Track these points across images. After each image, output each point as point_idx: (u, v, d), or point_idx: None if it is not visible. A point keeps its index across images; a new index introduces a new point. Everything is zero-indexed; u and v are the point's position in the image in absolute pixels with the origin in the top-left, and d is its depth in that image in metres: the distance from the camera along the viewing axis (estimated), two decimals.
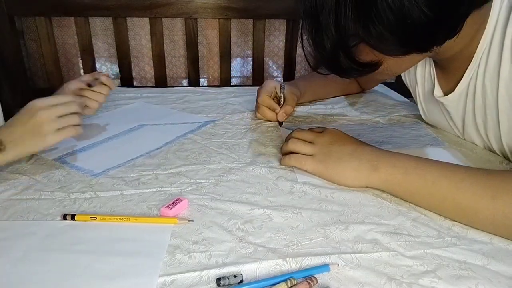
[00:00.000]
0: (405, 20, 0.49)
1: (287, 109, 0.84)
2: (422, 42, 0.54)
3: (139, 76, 1.56)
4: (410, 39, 0.53)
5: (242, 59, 1.60)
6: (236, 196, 0.59)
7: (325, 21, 0.53)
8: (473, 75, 0.64)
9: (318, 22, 0.54)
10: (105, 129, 0.84)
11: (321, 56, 0.59)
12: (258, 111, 0.88)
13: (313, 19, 0.55)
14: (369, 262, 0.45)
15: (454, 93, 0.69)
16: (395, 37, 0.52)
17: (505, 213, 0.47)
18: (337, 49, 0.55)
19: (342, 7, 0.51)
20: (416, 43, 0.54)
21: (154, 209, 0.56)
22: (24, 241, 0.49)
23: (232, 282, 0.42)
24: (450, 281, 0.42)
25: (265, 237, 0.50)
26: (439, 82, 0.74)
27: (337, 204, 0.57)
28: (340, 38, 0.54)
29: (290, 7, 1.43)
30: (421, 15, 0.49)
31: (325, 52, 0.56)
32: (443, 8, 0.50)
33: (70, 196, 0.59)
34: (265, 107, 0.87)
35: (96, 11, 1.39)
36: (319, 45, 0.56)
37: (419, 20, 0.49)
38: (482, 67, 0.62)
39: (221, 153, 0.73)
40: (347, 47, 0.55)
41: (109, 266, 0.45)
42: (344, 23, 0.52)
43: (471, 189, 0.50)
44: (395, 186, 0.56)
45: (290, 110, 0.86)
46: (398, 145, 0.76)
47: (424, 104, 0.83)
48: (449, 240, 0.49)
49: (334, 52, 0.56)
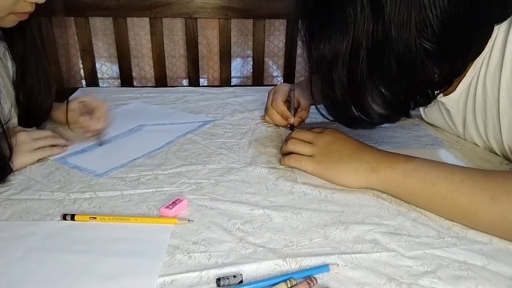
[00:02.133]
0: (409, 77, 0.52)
1: (303, 114, 0.83)
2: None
3: (139, 76, 1.56)
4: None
5: (242, 59, 1.60)
6: (236, 196, 0.59)
7: (338, 75, 0.53)
8: (474, 75, 0.64)
9: (330, 75, 0.54)
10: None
11: (329, 106, 0.59)
12: (268, 115, 0.86)
13: (324, 71, 0.55)
14: (369, 262, 0.45)
15: (455, 93, 0.69)
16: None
17: (504, 215, 0.47)
18: (348, 100, 0.56)
19: (356, 61, 0.51)
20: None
21: (154, 209, 0.56)
22: (24, 241, 0.49)
23: (232, 283, 0.42)
24: (450, 282, 0.42)
25: (265, 238, 0.50)
26: None
27: (337, 205, 0.57)
28: (352, 90, 0.54)
29: (290, 7, 1.43)
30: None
31: (335, 102, 0.57)
32: (451, 63, 0.53)
33: (70, 196, 0.59)
34: (277, 113, 0.84)
35: (96, 11, 1.39)
36: (329, 96, 0.57)
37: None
38: (484, 68, 0.62)
39: (221, 153, 0.73)
40: (359, 98, 0.55)
41: (109, 266, 0.45)
42: (357, 77, 0.52)
43: (470, 191, 0.50)
44: (394, 187, 0.56)
45: (305, 115, 0.84)
46: (398, 145, 0.76)
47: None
48: (449, 240, 0.49)
49: (344, 103, 0.56)
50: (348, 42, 0.51)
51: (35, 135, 0.70)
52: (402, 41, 0.49)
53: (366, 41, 0.50)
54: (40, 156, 0.69)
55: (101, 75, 1.54)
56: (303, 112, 0.83)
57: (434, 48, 0.50)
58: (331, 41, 0.52)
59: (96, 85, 1.50)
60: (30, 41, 0.73)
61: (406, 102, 0.59)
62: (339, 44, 0.52)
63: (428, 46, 0.49)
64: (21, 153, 0.66)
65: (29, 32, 0.72)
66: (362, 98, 0.55)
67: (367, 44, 0.50)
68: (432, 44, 0.49)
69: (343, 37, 0.51)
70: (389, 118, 0.61)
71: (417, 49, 0.50)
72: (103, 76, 1.55)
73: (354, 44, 0.51)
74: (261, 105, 0.99)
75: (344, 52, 0.52)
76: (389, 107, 0.56)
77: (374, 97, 0.54)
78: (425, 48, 0.50)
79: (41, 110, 0.78)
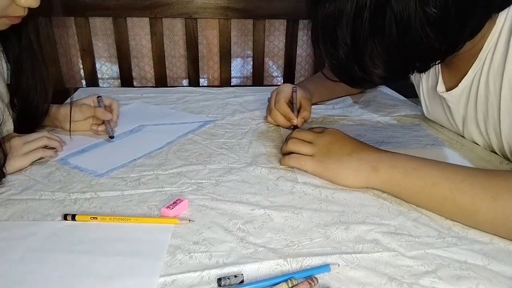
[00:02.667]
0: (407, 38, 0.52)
1: (305, 115, 0.83)
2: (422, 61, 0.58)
3: (139, 76, 1.56)
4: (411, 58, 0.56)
5: (242, 59, 1.60)
6: (237, 197, 0.59)
7: (342, 34, 0.54)
8: (477, 72, 0.64)
9: (334, 34, 0.55)
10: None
11: (333, 66, 0.60)
12: (272, 116, 0.85)
13: (329, 30, 0.56)
14: (370, 262, 0.45)
15: (457, 89, 0.69)
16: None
17: (505, 214, 0.47)
18: (351, 60, 0.56)
19: (359, 21, 0.52)
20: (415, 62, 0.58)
21: (154, 209, 0.56)
22: (25, 241, 0.49)
23: (232, 282, 0.42)
24: (450, 281, 0.42)
25: (266, 237, 0.50)
26: (443, 78, 0.74)
27: (338, 204, 0.57)
28: (355, 50, 0.55)
29: (290, 7, 1.43)
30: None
31: (338, 62, 0.57)
32: (447, 34, 0.53)
33: (71, 196, 0.59)
34: (280, 114, 0.84)
35: (96, 11, 1.38)
36: (333, 55, 0.57)
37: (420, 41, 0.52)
38: (487, 65, 0.62)
39: (221, 153, 0.73)
40: (361, 59, 0.56)
41: (110, 266, 0.45)
42: (360, 36, 0.53)
43: (471, 190, 0.50)
44: (395, 186, 0.56)
45: (308, 116, 0.84)
46: (398, 145, 0.76)
47: (428, 99, 0.83)
48: (449, 240, 0.49)
49: (347, 63, 0.57)
50: (353, 1, 0.52)
51: (27, 139, 0.69)
52: (402, 3, 0.50)
53: (370, 1, 0.51)
54: (32, 159, 0.68)
55: (101, 75, 1.54)
56: (305, 112, 0.83)
57: (433, 13, 0.50)
58: (337, 1, 0.53)
59: (96, 85, 1.49)
60: (26, 43, 0.72)
61: (405, 66, 0.60)
62: (344, 2, 0.53)
63: (428, 10, 0.50)
64: (12, 158, 0.65)
65: (25, 34, 0.71)
66: (364, 58, 0.56)
67: (370, 4, 0.51)
68: (431, 8, 0.50)
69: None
70: (389, 79, 0.62)
71: (416, 13, 0.50)
72: (103, 76, 1.55)
73: (359, 4, 0.52)
74: (261, 105, 0.99)
75: (349, 11, 0.53)
76: (389, 69, 0.57)
77: (374, 58, 0.55)
78: (424, 12, 0.50)
79: (37, 113, 0.77)
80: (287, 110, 0.82)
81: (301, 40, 1.55)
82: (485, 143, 0.72)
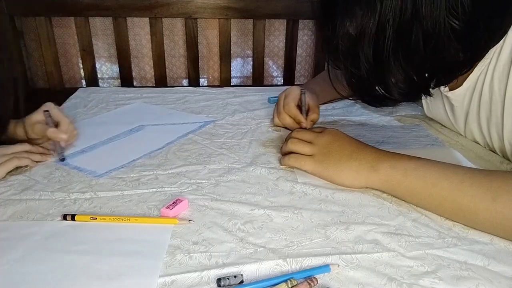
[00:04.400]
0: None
1: (314, 117, 0.82)
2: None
3: (139, 76, 1.56)
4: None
5: (242, 59, 1.60)
6: (237, 197, 0.59)
7: (364, 53, 0.53)
8: (482, 71, 0.64)
9: (355, 53, 0.54)
10: (105, 130, 0.84)
11: (353, 84, 0.59)
12: (280, 119, 0.84)
13: (349, 49, 0.55)
14: (370, 262, 0.45)
15: (461, 88, 0.69)
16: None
17: (504, 215, 0.47)
18: (373, 79, 0.56)
19: (382, 38, 0.51)
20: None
21: (154, 209, 0.56)
22: (24, 241, 0.49)
23: (232, 283, 0.42)
24: (450, 282, 0.42)
25: (266, 238, 0.50)
26: None
27: (338, 205, 0.57)
28: (377, 68, 0.54)
29: (290, 7, 1.43)
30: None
31: (359, 81, 0.57)
32: (474, 45, 0.53)
33: (70, 197, 0.59)
34: (289, 117, 0.83)
35: (96, 11, 1.38)
36: (353, 74, 0.57)
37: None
38: (493, 64, 0.62)
39: (221, 153, 0.73)
40: (384, 76, 0.55)
41: (109, 266, 0.45)
42: (383, 54, 0.52)
43: (471, 191, 0.50)
44: (394, 187, 0.56)
45: (317, 118, 0.83)
46: (398, 145, 0.76)
47: (429, 98, 0.83)
48: (449, 240, 0.49)
49: (369, 81, 0.56)
50: (375, 19, 0.51)
51: (4, 150, 0.65)
52: (431, 18, 0.49)
53: (393, 18, 0.50)
54: (8, 170, 0.64)
55: (101, 75, 1.54)
56: (314, 115, 0.82)
57: (461, 27, 0.50)
58: (357, 18, 0.52)
59: (96, 85, 1.49)
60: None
61: (427, 80, 0.59)
62: (366, 21, 0.52)
63: (456, 24, 0.50)
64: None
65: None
66: (387, 75, 0.55)
67: (394, 21, 0.51)
68: (460, 23, 0.50)
69: (370, 14, 0.51)
70: (409, 96, 0.61)
71: (445, 27, 0.50)
72: (103, 76, 1.55)
73: (381, 21, 0.51)
74: (261, 105, 0.99)
75: (371, 29, 0.52)
76: (411, 85, 0.57)
77: (396, 74, 0.55)
78: (452, 26, 0.50)
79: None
80: (296, 113, 0.81)
81: (301, 40, 1.55)
82: (486, 142, 0.72)
